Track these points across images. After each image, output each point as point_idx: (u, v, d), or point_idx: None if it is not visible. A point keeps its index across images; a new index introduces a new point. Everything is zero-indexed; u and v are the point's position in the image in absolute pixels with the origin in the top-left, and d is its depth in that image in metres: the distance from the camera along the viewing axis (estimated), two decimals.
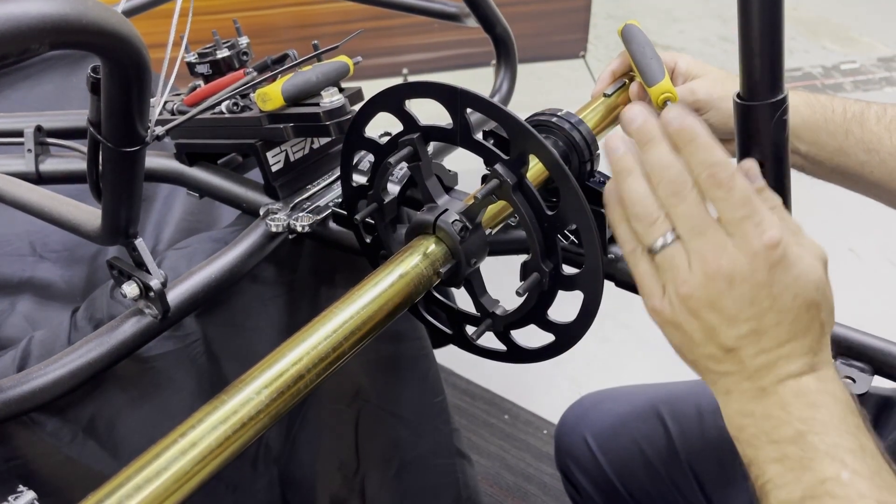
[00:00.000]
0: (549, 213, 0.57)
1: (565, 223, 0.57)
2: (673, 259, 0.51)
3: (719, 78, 0.77)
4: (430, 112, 0.61)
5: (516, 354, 0.66)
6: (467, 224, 0.60)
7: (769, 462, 0.48)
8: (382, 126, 0.73)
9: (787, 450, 0.47)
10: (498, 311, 0.64)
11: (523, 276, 0.60)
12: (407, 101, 0.63)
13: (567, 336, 0.62)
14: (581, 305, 0.60)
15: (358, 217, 0.68)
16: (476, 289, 0.65)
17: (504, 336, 0.66)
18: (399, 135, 0.64)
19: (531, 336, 0.65)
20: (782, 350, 0.49)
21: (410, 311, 0.71)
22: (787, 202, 0.60)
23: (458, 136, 0.60)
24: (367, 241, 0.73)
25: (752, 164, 0.57)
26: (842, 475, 0.45)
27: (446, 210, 0.61)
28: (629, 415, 0.97)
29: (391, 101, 0.63)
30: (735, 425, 0.51)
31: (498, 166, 0.57)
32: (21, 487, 0.49)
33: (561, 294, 0.62)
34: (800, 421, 0.48)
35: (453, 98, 0.59)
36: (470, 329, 0.67)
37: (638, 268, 0.53)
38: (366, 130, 0.68)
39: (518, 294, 0.59)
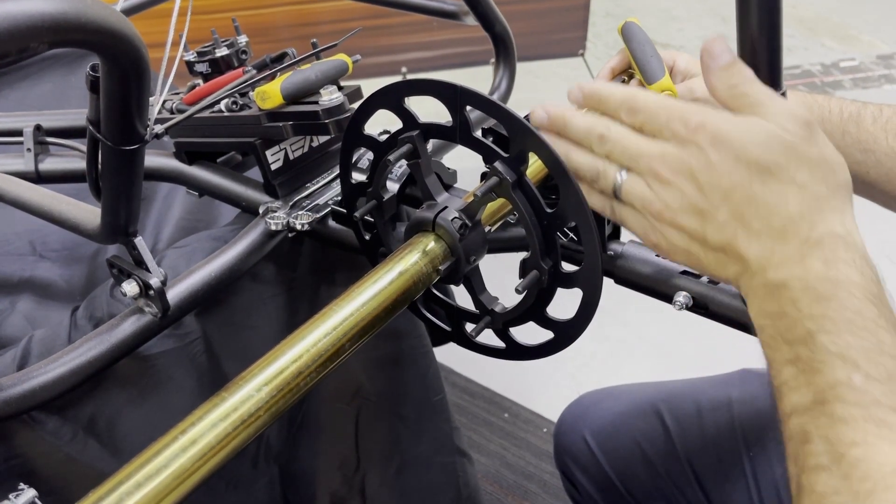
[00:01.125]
0: (549, 210, 0.57)
1: (564, 221, 0.57)
2: (632, 190, 0.53)
3: None
4: (428, 110, 0.61)
5: (515, 351, 0.66)
6: (467, 221, 0.60)
7: (784, 363, 0.46)
8: (381, 125, 0.73)
9: (799, 351, 0.45)
10: (497, 309, 0.64)
11: (522, 274, 0.60)
12: (406, 99, 0.63)
13: (566, 333, 0.62)
14: (580, 303, 0.60)
15: (357, 214, 0.68)
16: (475, 286, 0.65)
17: (503, 333, 0.66)
18: (398, 132, 0.64)
19: (530, 333, 0.65)
20: (773, 226, 0.48)
21: (410, 308, 0.71)
22: None
23: (457, 133, 0.60)
24: (367, 238, 0.73)
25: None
26: (853, 378, 0.42)
27: (445, 207, 0.61)
28: (628, 413, 0.97)
29: (391, 98, 0.63)
30: (758, 326, 0.49)
31: (497, 164, 0.57)
32: (21, 485, 0.49)
33: (560, 291, 0.62)
34: (809, 319, 0.45)
35: (453, 95, 0.58)
36: (469, 326, 0.67)
37: (625, 220, 0.55)
38: (365, 129, 0.68)
39: (517, 291, 0.59)
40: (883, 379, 0.42)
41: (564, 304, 0.64)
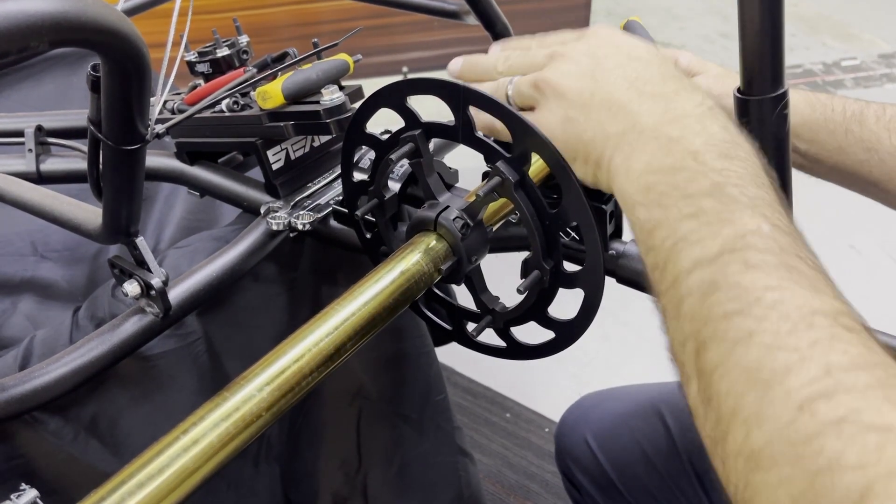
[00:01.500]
0: (551, 211, 0.57)
1: (567, 221, 0.57)
2: (521, 82, 0.59)
3: (720, 75, 0.77)
4: (430, 110, 0.61)
5: (516, 351, 0.66)
6: (468, 221, 0.60)
7: (682, 219, 0.44)
8: (383, 124, 0.73)
9: (702, 203, 0.44)
10: (498, 308, 0.64)
11: (524, 274, 0.60)
12: (409, 98, 0.63)
13: (567, 333, 0.62)
14: (582, 303, 0.60)
15: (358, 213, 0.68)
16: (477, 286, 0.65)
17: (504, 333, 0.66)
18: (400, 131, 0.64)
19: (531, 333, 0.65)
20: (666, 90, 0.51)
21: (411, 307, 0.71)
22: (788, 196, 0.60)
23: (459, 133, 0.60)
24: (368, 237, 0.73)
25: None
26: (762, 227, 0.42)
27: (447, 207, 0.61)
28: (629, 414, 0.97)
29: (393, 97, 0.63)
30: (641, 187, 0.48)
31: (500, 164, 0.57)
32: (23, 485, 0.49)
33: (561, 291, 0.62)
34: (714, 172, 0.45)
35: (456, 95, 0.58)
36: (471, 326, 0.67)
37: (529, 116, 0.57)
38: (367, 128, 0.68)
39: (519, 292, 0.59)
40: (787, 230, 0.42)
41: (566, 302, 0.64)
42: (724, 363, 0.39)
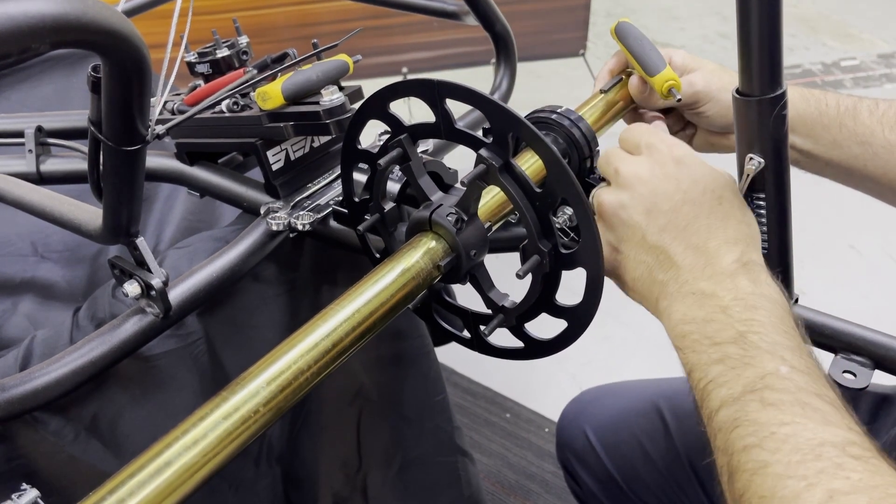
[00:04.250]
0: (538, 190, 0.57)
1: (554, 197, 0.57)
2: (598, 196, 0.61)
3: (716, 70, 0.77)
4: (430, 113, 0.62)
5: (534, 348, 0.66)
6: (462, 216, 0.60)
7: (711, 364, 0.50)
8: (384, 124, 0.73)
9: (728, 350, 0.49)
10: (508, 305, 0.64)
11: (523, 260, 0.60)
12: (409, 102, 0.63)
13: (578, 318, 0.61)
14: (586, 282, 0.59)
15: (361, 228, 0.69)
16: (483, 284, 0.65)
17: (518, 330, 0.66)
18: (389, 139, 0.64)
19: (543, 331, 0.65)
20: (709, 245, 0.54)
21: (427, 320, 0.72)
22: (786, 196, 0.60)
23: (441, 128, 0.61)
24: (378, 256, 0.74)
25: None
26: (781, 369, 0.47)
27: (440, 205, 0.62)
28: (629, 409, 0.98)
29: (376, 107, 0.64)
30: (678, 334, 0.54)
31: (482, 151, 0.58)
32: (24, 485, 0.49)
33: (564, 290, 0.62)
34: (740, 322, 0.50)
35: (432, 91, 0.59)
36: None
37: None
38: (362, 139, 0.68)
39: (518, 276, 0.59)
40: (805, 370, 0.47)
41: (570, 301, 0.64)
42: (746, 491, 0.44)
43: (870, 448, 0.42)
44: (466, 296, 0.72)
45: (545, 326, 0.65)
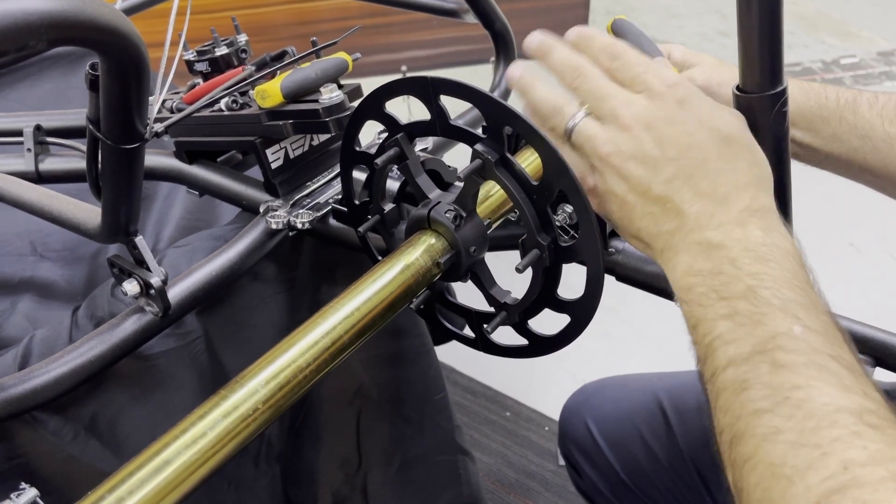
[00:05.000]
0: (534, 183, 0.57)
1: (551, 189, 0.57)
2: (586, 131, 0.55)
3: (716, 66, 0.77)
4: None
5: (539, 345, 0.66)
6: (461, 212, 0.60)
7: (718, 319, 0.47)
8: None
9: (737, 305, 0.46)
10: (510, 301, 0.64)
11: (523, 255, 0.60)
12: (408, 101, 0.63)
13: (581, 311, 0.61)
14: (586, 274, 0.59)
15: (361, 229, 0.69)
16: (484, 281, 0.65)
17: (522, 327, 0.66)
18: (386, 138, 0.64)
19: (545, 328, 0.65)
20: (718, 191, 0.51)
21: (431, 322, 0.72)
22: (786, 194, 0.59)
23: (437, 125, 0.61)
24: (379, 258, 0.74)
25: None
26: (794, 329, 0.44)
27: (439, 202, 0.62)
28: (631, 402, 0.98)
29: (372, 107, 0.64)
30: (683, 286, 0.50)
31: (478, 146, 0.58)
32: (23, 485, 0.49)
33: (565, 287, 0.61)
34: (750, 276, 0.47)
35: (425, 88, 0.59)
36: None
37: (569, 161, 0.55)
38: (362, 137, 0.68)
39: (518, 270, 0.59)
40: (821, 330, 0.44)
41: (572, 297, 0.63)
42: (753, 457, 0.41)
43: (887, 416, 0.40)
44: (468, 296, 0.72)
45: (547, 323, 0.65)
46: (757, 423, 0.42)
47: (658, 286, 0.69)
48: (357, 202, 0.72)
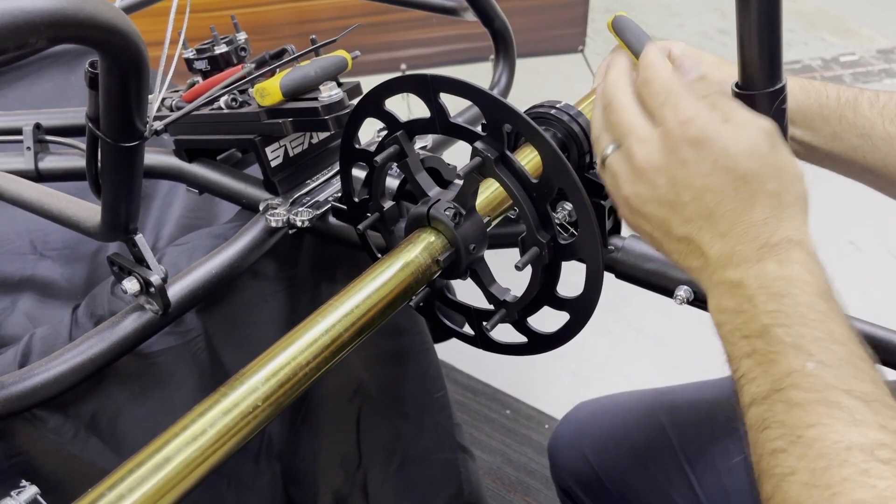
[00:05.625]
0: (534, 181, 0.57)
1: (552, 188, 0.57)
2: (612, 166, 0.55)
3: (715, 63, 0.77)
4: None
5: (538, 342, 0.66)
6: (460, 210, 0.60)
7: (742, 357, 0.48)
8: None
9: (755, 344, 0.47)
10: (509, 299, 0.64)
11: (522, 252, 0.60)
12: (407, 99, 0.63)
13: (580, 309, 0.61)
14: (586, 272, 0.59)
15: (361, 227, 0.69)
16: (484, 279, 0.65)
17: (521, 325, 0.66)
18: (385, 136, 0.64)
19: (544, 326, 0.65)
20: (734, 232, 0.50)
21: (430, 319, 0.72)
22: None
23: (437, 123, 0.61)
24: (379, 256, 0.74)
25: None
26: (807, 366, 0.44)
27: (438, 200, 0.62)
28: (628, 425, 0.93)
29: (372, 105, 0.64)
30: (716, 322, 0.52)
31: (478, 144, 0.58)
32: (23, 483, 0.49)
33: (565, 284, 0.62)
34: (765, 314, 0.47)
35: (426, 86, 0.59)
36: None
37: (607, 186, 0.57)
38: (362, 135, 0.68)
39: (517, 268, 0.59)
40: (834, 364, 0.44)
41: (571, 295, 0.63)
42: (773, 497, 0.43)
43: None
44: (467, 293, 0.72)
45: (547, 321, 0.65)
46: (775, 462, 0.43)
47: (657, 283, 0.69)
48: (357, 200, 0.72)
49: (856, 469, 0.40)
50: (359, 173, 0.73)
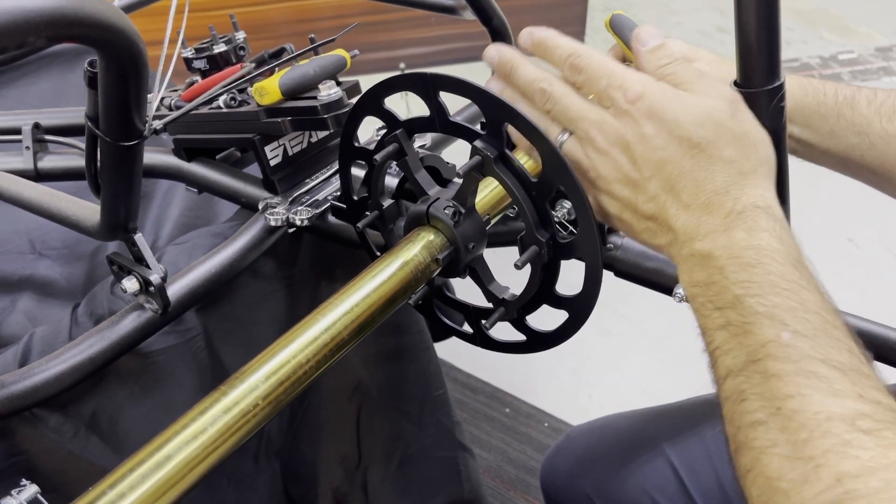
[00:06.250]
0: (534, 180, 0.57)
1: (551, 187, 0.57)
2: (572, 153, 0.55)
3: (713, 61, 0.77)
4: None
5: (536, 341, 0.66)
6: (460, 208, 0.61)
7: (716, 329, 0.48)
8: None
9: (729, 315, 0.47)
10: (508, 297, 0.64)
11: (521, 251, 0.61)
12: (406, 98, 0.63)
13: (579, 307, 0.61)
14: (585, 270, 0.59)
15: (360, 225, 0.69)
16: (483, 277, 0.65)
17: (520, 323, 0.66)
18: (385, 135, 0.64)
19: (543, 324, 0.65)
20: (698, 202, 0.50)
21: (429, 317, 0.72)
22: (784, 189, 0.60)
23: (436, 122, 0.61)
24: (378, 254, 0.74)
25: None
26: (782, 336, 0.44)
27: (437, 199, 0.62)
28: (629, 455, 0.89)
29: (371, 103, 0.64)
30: (689, 296, 0.51)
31: (477, 142, 0.58)
32: (24, 482, 0.49)
33: (564, 281, 0.62)
34: (736, 284, 0.47)
35: (425, 84, 0.59)
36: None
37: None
38: (361, 133, 0.68)
39: (516, 267, 0.59)
40: (810, 334, 0.44)
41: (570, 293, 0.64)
42: (753, 469, 0.42)
43: (884, 417, 0.40)
44: (467, 292, 0.72)
45: (546, 319, 0.65)
46: (755, 435, 0.42)
47: (657, 282, 0.69)
48: (356, 199, 0.72)
49: (838, 440, 0.39)
50: (358, 172, 0.74)
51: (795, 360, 0.43)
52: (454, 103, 0.63)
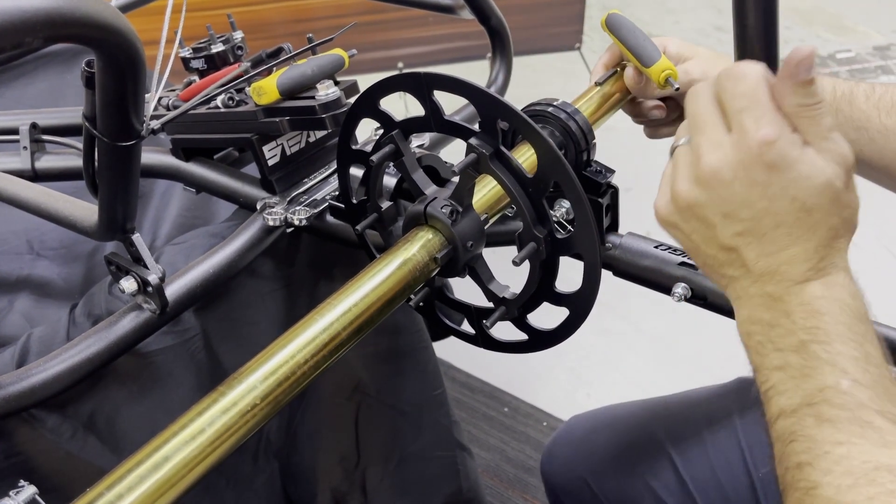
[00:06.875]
0: (529, 176, 0.57)
1: (546, 182, 0.57)
2: (678, 157, 0.52)
3: (711, 58, 0.77)
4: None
5: (538, 339, 0.66)
6: (457, 207, 0.61)
7: (772, 369, 0.48)
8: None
9: (789, 358, 0.47)
10: (508, 296, 0.64)
11: (520, 248, 0.61)
12: (405, 98, 0.63)
13: (579, 304, 0.61)
14: (584, 266, 0.59)
15: (359, 227, 0.69)
16: (483, 276, 0.65)
17: (521, 322, 0.66)
18: (382, 136, 0.64)
19: (543, 323, 0.65)
20: (784, 254, 0.49)
21: (430, 319, 0.72)
22: None
23: (431, 121, 0.61)
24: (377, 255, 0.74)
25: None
26: (841, 383, 0.44)
27: (435, 198, 0.62)
28: (627, 446, 0.91)
29: (367, 105, 0.64)
30: (744, 331, 0.51)
31: (472, 140, 0.58)
32: (22, 482, 0.49)
33: (563, 279, 0.62)
34: (803, 330, 0.47)
35: (419, 84, 0.59)
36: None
37: (666, 172, 0.54)
38: (359, 134, 0.68)
39: (515, 263, 0.59)
40: (869, 385, 0.44)
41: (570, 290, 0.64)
42: None
43: None
44: (466, 292, 0.72)
45: (546, 319, 0.65)
46: (800, 476, 0.43)
47: (655, 281, 0.69)
48: (354, 201, 0.72)
49: (883, 489, 0.39)
50: (356, 172, 0.73)
51: (851, 409, 0.43)
52: (454, 103, 0.63)
